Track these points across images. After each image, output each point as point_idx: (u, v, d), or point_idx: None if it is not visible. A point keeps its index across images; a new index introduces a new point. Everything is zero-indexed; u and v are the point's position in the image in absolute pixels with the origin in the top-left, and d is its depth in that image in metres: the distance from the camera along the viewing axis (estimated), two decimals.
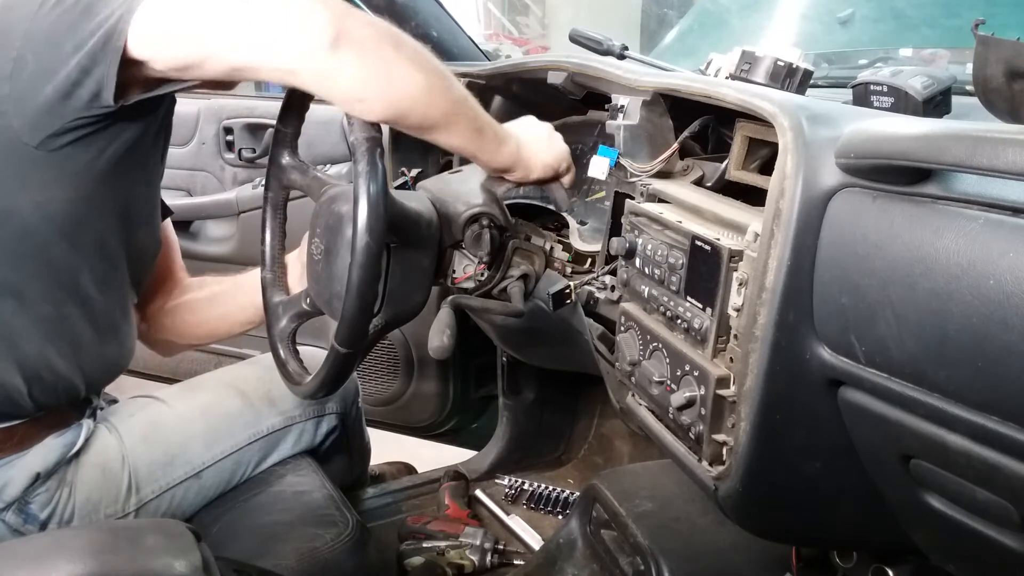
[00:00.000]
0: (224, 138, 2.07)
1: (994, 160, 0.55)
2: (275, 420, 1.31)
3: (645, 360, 0.93)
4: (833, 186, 0.71)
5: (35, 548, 0.80)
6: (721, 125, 1.01)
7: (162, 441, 1.18)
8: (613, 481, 1.41)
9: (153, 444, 1.17)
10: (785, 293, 0.72)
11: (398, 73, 0.84)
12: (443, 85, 0.89)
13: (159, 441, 1.18)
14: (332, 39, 0.79)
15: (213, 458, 1.22)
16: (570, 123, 1.42)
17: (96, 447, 1.11)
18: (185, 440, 1.20)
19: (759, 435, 0.76)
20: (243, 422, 1.27)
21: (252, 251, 1.33)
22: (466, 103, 0.93)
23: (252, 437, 1.27)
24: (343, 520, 1.17)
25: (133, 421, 1.18)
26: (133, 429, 1.17)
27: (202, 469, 1.20)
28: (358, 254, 0.92)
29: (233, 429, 1.26)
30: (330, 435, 1.40)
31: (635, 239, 0.97)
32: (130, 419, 1.18)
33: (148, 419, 1.20)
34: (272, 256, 1.22)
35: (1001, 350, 0.57)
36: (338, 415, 1.41)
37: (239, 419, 1.27)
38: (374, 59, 0.82)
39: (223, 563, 0.91)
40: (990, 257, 0.57)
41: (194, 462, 1.20)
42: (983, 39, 0.84)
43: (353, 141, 0.94)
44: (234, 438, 1.25)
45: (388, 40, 0.84)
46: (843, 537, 0.93)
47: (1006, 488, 0.61)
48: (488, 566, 1.58)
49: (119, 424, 1.16)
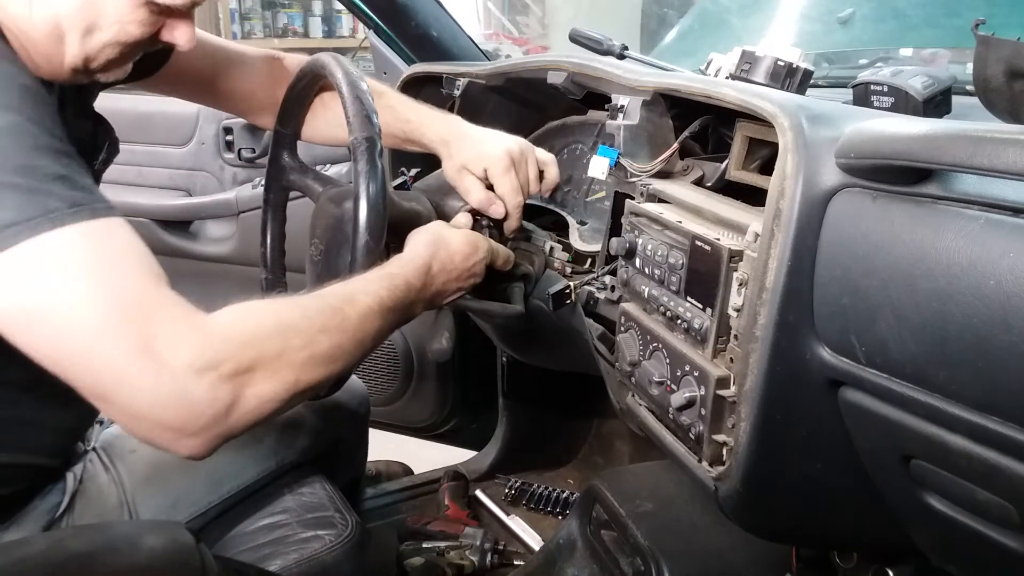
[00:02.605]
0: (224, 138, 2.07)
1: (994, 160, 0.55)
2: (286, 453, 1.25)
3: (645, 360, 0.93)
4: (833, 186, 0.71)
5: (35, 550, 0.80)
6: (721, 125, 1.01)
7: (165, 483, 1.12)
8: (613, 481, 1.41)
9: (156, 487, 1.11)
10: (785, 293, 0.72)
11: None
12: (333, 342, 0.80)
13: (162, 483, 1.12)
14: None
15: (220, 497, 1.16)
16: (570, 123, 1.42)
17: (90, 493, 1.05)
18: (190, 484, 1.14)
19: (759, 435, 0.76)
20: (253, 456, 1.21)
21: (252, 251, 1.33)
22: (365, 318, 0.84)
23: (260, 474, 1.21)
24: (343, 521, 1.17)
25: (134, 459, 1.12)
26: (134, 470, 1.11)
27: (207, 509, 1.15)
28: (358, 253, 0.92)
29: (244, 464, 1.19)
30: (331, 437, 1.39)
31: (635, 239, 0.97)
32: (131, 456, 1.12)
33: (150, 459, 1.12)
34: (272, 258, 1.22)
35: (1001, 350, 0.57)
36: (345, 418, 1.40)
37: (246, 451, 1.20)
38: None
39: (222, 564, 0.91)
40: (990, 257, 0.57)
41: (199, 504, 1.14)
42: (983, 39, 0.84)
43: (353, 141, 0.94)
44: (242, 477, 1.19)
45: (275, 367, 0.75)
46: (843, 537, 0.93)
47: (1006, 488, 0.61)
48: (488, 566, 1.58)
49: (118, 461, 1.11)
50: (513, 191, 1.14)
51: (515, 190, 1.14)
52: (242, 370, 0.71)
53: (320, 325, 0.79)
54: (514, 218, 1.16)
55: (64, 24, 0.80)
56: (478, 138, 1.15)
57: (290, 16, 4.57)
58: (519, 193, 1.14)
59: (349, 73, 0.98)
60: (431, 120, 1.19)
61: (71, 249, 0.67)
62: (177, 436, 0.70)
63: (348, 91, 0.96)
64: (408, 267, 0.95)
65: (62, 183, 0.68)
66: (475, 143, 1.14)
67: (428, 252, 0.99)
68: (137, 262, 0.71)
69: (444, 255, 1.02)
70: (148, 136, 2.11)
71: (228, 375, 0.70)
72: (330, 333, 0.80)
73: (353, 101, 0.96)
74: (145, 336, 0.67)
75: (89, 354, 0.67)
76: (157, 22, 0.84)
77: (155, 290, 0.70)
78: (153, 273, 0.72)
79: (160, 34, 0.85)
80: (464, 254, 1.04)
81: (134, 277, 0.70)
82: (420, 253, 0.99)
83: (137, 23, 0.82)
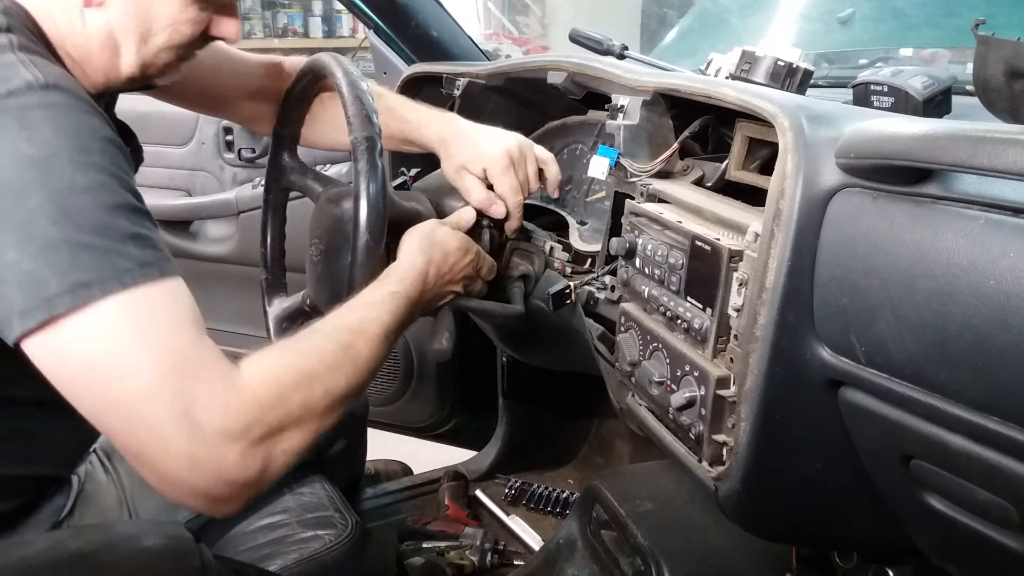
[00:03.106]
0: (224, 138, 2.08)
1: (994, 160, 0.55)
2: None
3: (645, 360, 0.93)
4: (833, 186, 0.71)
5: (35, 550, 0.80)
6: (721, 125, 1.01)
7: None
8: (613, 481, 1.41)
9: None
10: (785, 293, 0.72)
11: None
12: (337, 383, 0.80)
13: None
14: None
15: None
16: (570, 123, 1.42)
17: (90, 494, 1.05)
18: None
19: (759, 435, 0.76)
20: None
21: (252, 251, 1.33)
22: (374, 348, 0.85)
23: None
24: (343, 521, 1.17)
25: None
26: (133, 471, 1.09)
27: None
28: (359, 253, 0.92)
29: None
30: (330, 437, 1.39)
31: (635, 239, 0.97)
32: None
33: None
34: (272, 258, 1.22)
35: (1001, 350, 0.56)
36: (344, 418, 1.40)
37: None
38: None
39: (222, 564, 0.91)
40: (990, 257, 0.57)
41: None
42: (983, 39, 0.84)
43: (353, 140, 0.94)
44: None
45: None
46: (843, 537, 0.93)
47: (1006, 488, 0.61)
48: (488, 566, 1.58)
49: (118, 462, 1.11)
50: (513, 190, 1.13)
51: (515, 189, 1.14)
52: (272, 432, 0.73)
53: (336, 366, 0.81)
54: (515, 217, 1.16)
55: (118, 34, 0.82)
56: (476, 137, 1.15)
57: (290, 16, 4.57)
58: (519, 192, 1.14)
59: (349, 73, 0.98)
60: (429, 120, 1.18)
61: (135, 311, 0.69)
62: (210, 502, 0.72)
63: (348, 91, 0.96)
64: (407, 281, 0.96)
65: (135, 243, 0.70)
66: (473, 143, 1.14)
67: (424, 259, 1.00)
68: (187, 322, 0.73)
69: (439, 258, 1.02)
70: (148, 136, 2.09)
71: (259, 439, 0.72)
72: (345, 372, 0.81)
73: (353, 101, 0.96)
74: (185, 401, 0.69)
75: (131, 416, 0.69)
76: (206, 19, 0.86)
77: (198, 350, 0.72)
78: (198, 330, 0.74)
79: (208, 30, 0.88)
80: (458, 255, 1.05)
81: (183, 339, 0.72)
82: (416, 262, 0.99)
83: (188, 22, 0.84)
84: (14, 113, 0.68)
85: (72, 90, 0.72)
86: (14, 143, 0.67)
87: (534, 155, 1.17)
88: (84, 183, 0.68)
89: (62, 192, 0.67)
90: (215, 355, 0.73)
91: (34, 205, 0.66)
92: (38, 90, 0.70)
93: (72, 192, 0.67)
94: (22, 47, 0.73)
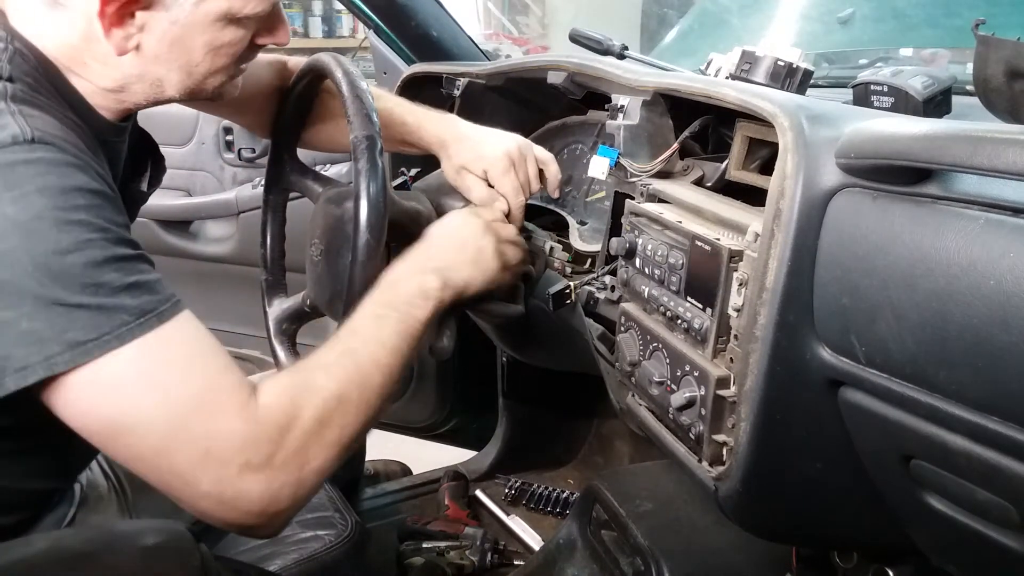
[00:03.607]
0: (224, 138, 2.08)
1: (994, 160, 0.55)
2: None
3: (645, 360, 0.93)
4: (833, 186, 0.71)
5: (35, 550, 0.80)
6: (721, 125, 1.01)
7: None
8: (613, 481, 1.40)
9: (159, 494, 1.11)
10: (785, 293, 0.72)
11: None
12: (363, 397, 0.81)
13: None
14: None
15: None
16: (570, 123, 1.42)
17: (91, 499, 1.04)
18: None
19: (759, 435, 0.76)
20: None
21: (252, 251, 1.33)
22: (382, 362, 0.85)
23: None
24: (342, 521, 1.17)
25: None
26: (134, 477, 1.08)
27: None
28: (359, 251, 0.92)
29: None
30: None
31: (635, 239, 0.97)
32: None
33: None
34: (272, 259, 1.22)
35: (1001, 350, 0.56)
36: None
37: None
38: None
39: (222, 564, 0.91)
40: (990, 257, 0.57)
41: None
42: (983, 39, 0.84)
43: (353, 140, 0.94)
44: None
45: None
46: (843, 537, 0.93)
47: (1006, 488, 0.61)
48: (488, 566, 1.58)
49: (118, 467, 1.10)
50: (514, 191, 1.13)
51: (516, 190, 1.13)
52: (294, 454, 0.74)
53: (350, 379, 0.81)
54: (516, 218, 1.16)
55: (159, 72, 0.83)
56: (476, 139, 1.15)
57: (290, 16, 4.55)
58: (520, 193, 1.14)
59: (349, 72, 0.98)
60: (428, 121, 1.18)
61: (140, 363, 0.70)
62: (250, 529, 0.75)
63: (348, 90, 0.96)
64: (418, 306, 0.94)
65: (129, 294, 0.70)
66: (474, 144, 1.14)
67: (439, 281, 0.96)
68: (196, 359, 0.74)
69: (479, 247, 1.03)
70: None
71: (283, 464, 0.73)
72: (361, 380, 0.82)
73: (353, 100, 0.95)
74: (205, 442, 0.71)
75: (156, 465, 0.71)
76: (248, 34, 0.86)
77: (214, 389, 0.73)
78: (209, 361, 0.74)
79: (255, 39, 0.88)
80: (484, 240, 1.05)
81: (194, 379, 0.73)
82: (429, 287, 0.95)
83: (229, 44, 0.84)
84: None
85: (59, 145, 0.72)
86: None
87: (534, 156, 1.16)
88: (68, 243, 0.68)
89: (47, 255, 0.67)
90: (230, 386, 0.74)
91: (21, 270, 0.66)
92: (24, 144, 0.69)
93: (57, 254, 0.67)
94: (15, 98, 0.73)
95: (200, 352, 0.75)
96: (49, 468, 0.94)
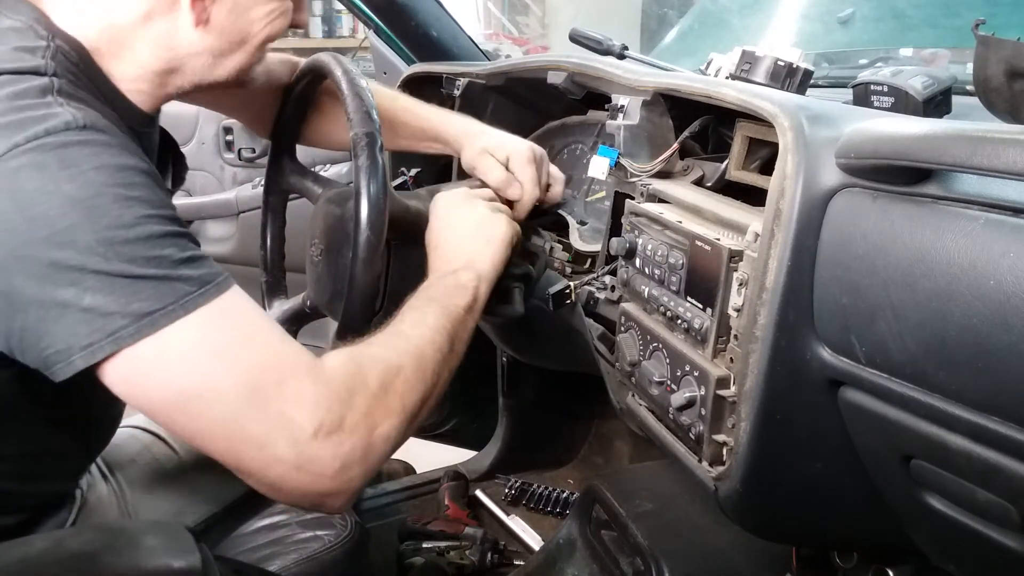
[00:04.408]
0: (224, 138, 2.08)
1: (994, 160, 0.55)
2: None
3: (645, 360, 0.93)
4: (833, 186, 0.71)
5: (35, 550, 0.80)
6: (721, 125, 1.01)
7: (168, 492, 1.12)
8: (613, 481, 1.40)
9: (158, 496, 1.12)
10: (785, 293, 0.72)
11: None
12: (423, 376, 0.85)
13: (164, 493, 1.12)
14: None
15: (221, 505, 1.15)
16: (570, 123, 1.42)
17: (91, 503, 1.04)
18: (192, 493, 1.14)
19: (759, 435, 0.76)
20: None
21: (251, 251, 1.33)
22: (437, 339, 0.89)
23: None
24: (342, 521, 1.17)
25: (134, 470, 1.12)
26: (135, 480, 1.11)
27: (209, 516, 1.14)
28: (360, 249, 0.91)
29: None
30: None
31: (635, 239, 0.97)
32: (131, 466, 1.12)
33: (150, 468, 1.13)
34: (272, 260, 1.22)
35: (1001, 350, 0.56)
36: None
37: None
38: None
39: (222, 564, 0.91)
40: (990, 257, 0.57)
41: (200, 512, 1.13)
42: (983, 39, 0.84)
43: (353, 137, 0.94)
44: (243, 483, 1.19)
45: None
46: (843, 537, 0.93)
47: (1006, 488, 0.61)
48: (488, 566, 1.58)
49: (118, 471, 1.10)
50: (532, 181, 1.15)
51: (533, 181, 1.15)
52: (364, 416, 0.75)
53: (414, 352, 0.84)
54: (524, 207, 1.17)
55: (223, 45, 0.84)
56: (499, 134, 1.19)
57: None
58: (536, 185, 1.16)
59: (348, 71, 0.98)
60: (449, 116, 1.22)
61: (206, 331, 0.70)
62: (321, 497, 0.75)
63: (348, 88, 0.96)
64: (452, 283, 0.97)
65: (189, 266, 0.72)
66: (497, 135, 1.18)
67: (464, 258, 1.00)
68: (258, 327, 0.75)
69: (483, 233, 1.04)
70: None
71: (354, 426, 0.74)
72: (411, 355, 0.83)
73: (353, 97, 0.95)
74: (278, 405, 0.71)
75: (229, 435, 0.71)
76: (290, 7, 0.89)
77: (279, 354, 0.74)
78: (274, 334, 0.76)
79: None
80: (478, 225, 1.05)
81: (259, 346, 0.74)
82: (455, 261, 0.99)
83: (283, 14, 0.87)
84: (54, 152, 0.68)
85: (107, 131, 0.73)
86: (56, 183, 0.67)
87: (549, 167, 1.20)
88: (131, 218, 0.69)
89: (110, 230, 0.68)
90: (295, 351, 0.75)
91: (83, 246, 0.67)
92: (76, 130, 0.70)
93: (120, 228, 0.68)
94: (61, 92, 0.74)
95: (260, 320, 0.76)
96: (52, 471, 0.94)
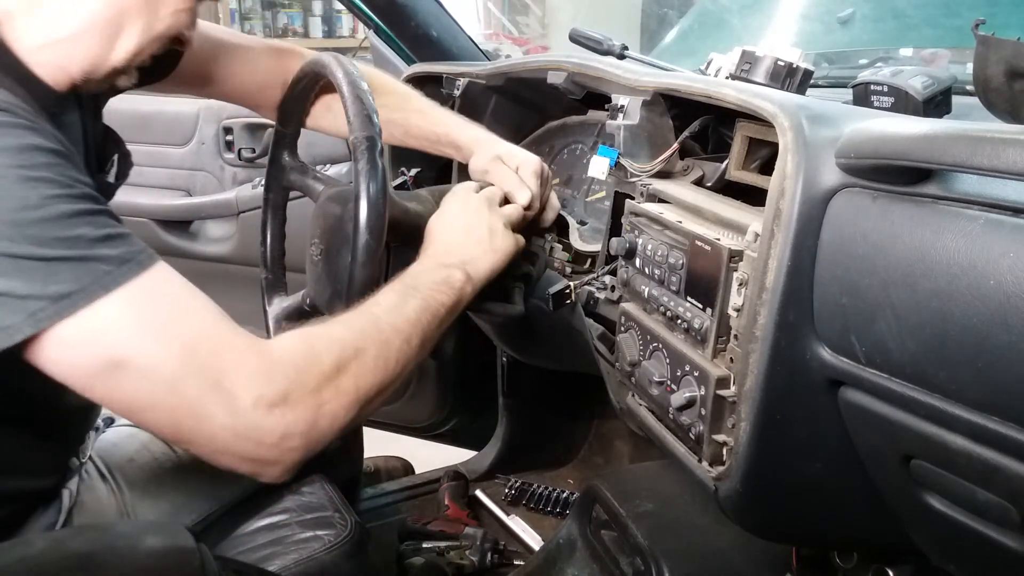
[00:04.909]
0: (224, 138, 2.07)
1: (994, 160, 0.55)
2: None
3: (645, 360, 0.93)
4: (833, 186, 0.71)
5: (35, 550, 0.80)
6: (721, 125, 1.01)
7: (167, 492, 1.12)
8: (613, 481, 1.40)
9: (156, 495, 1.12)
10: (785, 293, 0.72)
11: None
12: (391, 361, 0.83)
13: (162, 492, 1.12)
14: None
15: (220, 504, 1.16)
16: (570, 123, 1.42)
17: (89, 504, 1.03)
18: (190, 491, 1.14)
19: (759, 435, 0.76)
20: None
21: (252, 251, 1.33)
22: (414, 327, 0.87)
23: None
24: (342, 521, 1.17)
25: (133, 469, 1.12)
26: (133, 480, 1.11)
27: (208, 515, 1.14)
28: (359, 252, 0.92)
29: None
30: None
31: (635, 239, 0.97)
32: (129, 465, 1.12)
33: (149, 467, 1.13)
34: (272, 258, 1.22)
35: (1001, 350, 0.57)
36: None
37: None
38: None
39: (221, 564, 0.91)
40: (991, 257, 0.57)
41: (199, 510, 1.14)
42: (983, 39, 0.84)
43: (353, 140, 0.94)
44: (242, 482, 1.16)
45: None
46: (843, 537, 0.93)
47: (1006, 488, 0.61)
48: (488, 566, 1.58)
49: (116, 471, 1.10)
50: (538, 192, 1.16)
51: (539, 193, 1.16)
52: (311, 393, 0.74)
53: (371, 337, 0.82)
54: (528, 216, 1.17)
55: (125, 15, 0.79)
56: (510, 145, 1.20)
57: (290, 16, 4.58)
58: (539, 199, 1.17)
59: (350, 73, 0.98)
60: (463, 123, 1.23)
61: (130, 309, 0.69)
62: (259, 465, 0.75)
63: (348, 91, 0.96)
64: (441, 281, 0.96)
65: (105, 244, 0.70)
66: (508, 146, 1.19)
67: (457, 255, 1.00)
68: (192, 304, 0.74)
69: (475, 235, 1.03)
70: (148, 136, 2.11)
71: (299, 401, 0.73)
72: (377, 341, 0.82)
73: (354, 101, 0.95)
74: (216, 376, 0.70)
75: (167, 402, 0.70)
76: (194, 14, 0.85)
77: (214, 328, 0.73)
78: (208, 309, 0.75)
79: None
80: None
81: (194, 320, 0.73)
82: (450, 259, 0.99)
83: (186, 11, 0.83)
84: None
85: (11, 110, 0.70)
86: None
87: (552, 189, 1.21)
88: (35, 199, 0.67)
89: (15, 212, 0.66)
90: (232, 328, 0.74)
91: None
92: None
93: (25, 210, 0.66)
94: None
95: (193, 298, 0.74)
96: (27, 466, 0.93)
